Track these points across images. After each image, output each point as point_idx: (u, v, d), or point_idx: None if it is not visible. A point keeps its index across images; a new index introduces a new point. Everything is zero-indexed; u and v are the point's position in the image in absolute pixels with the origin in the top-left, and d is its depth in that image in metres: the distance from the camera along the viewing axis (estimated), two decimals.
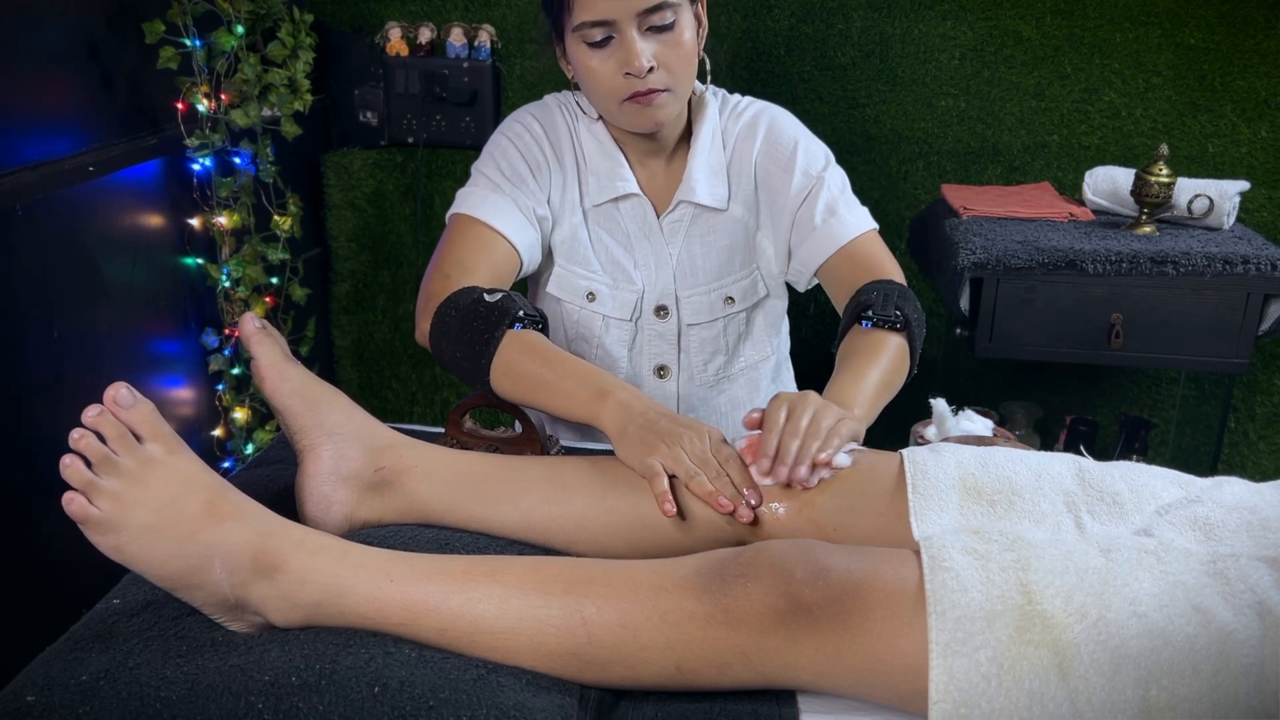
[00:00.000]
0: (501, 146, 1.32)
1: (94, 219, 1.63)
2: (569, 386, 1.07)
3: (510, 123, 1.35)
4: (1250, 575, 0.77)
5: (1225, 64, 2.06)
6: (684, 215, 1.35)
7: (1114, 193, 1.94)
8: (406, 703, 0.73)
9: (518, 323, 1.13)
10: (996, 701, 0.73)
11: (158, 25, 1.66)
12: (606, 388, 1.05)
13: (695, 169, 1.33)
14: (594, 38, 1.18)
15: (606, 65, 1.19)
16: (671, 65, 1.20)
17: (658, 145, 1.33)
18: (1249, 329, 1.78)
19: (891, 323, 1.18)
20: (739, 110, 1.37)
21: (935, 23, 2.12)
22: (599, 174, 1.33)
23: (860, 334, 1.19)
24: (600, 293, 1.35)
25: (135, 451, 0.81)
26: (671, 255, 1.36)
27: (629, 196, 1.33)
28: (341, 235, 2.38)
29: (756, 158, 1.34)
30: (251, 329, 0.98)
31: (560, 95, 1.39)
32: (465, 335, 1.13)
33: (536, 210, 1.30)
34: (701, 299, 1.37)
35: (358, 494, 0.98)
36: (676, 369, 1.40)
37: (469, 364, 1.13)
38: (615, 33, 1.18)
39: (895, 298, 1.20)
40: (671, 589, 0.80)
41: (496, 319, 1.12)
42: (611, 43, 1.18)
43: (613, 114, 1.25)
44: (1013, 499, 0.89)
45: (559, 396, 1.07)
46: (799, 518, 0.94)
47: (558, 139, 1.34)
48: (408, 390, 2.50)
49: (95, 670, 0.77)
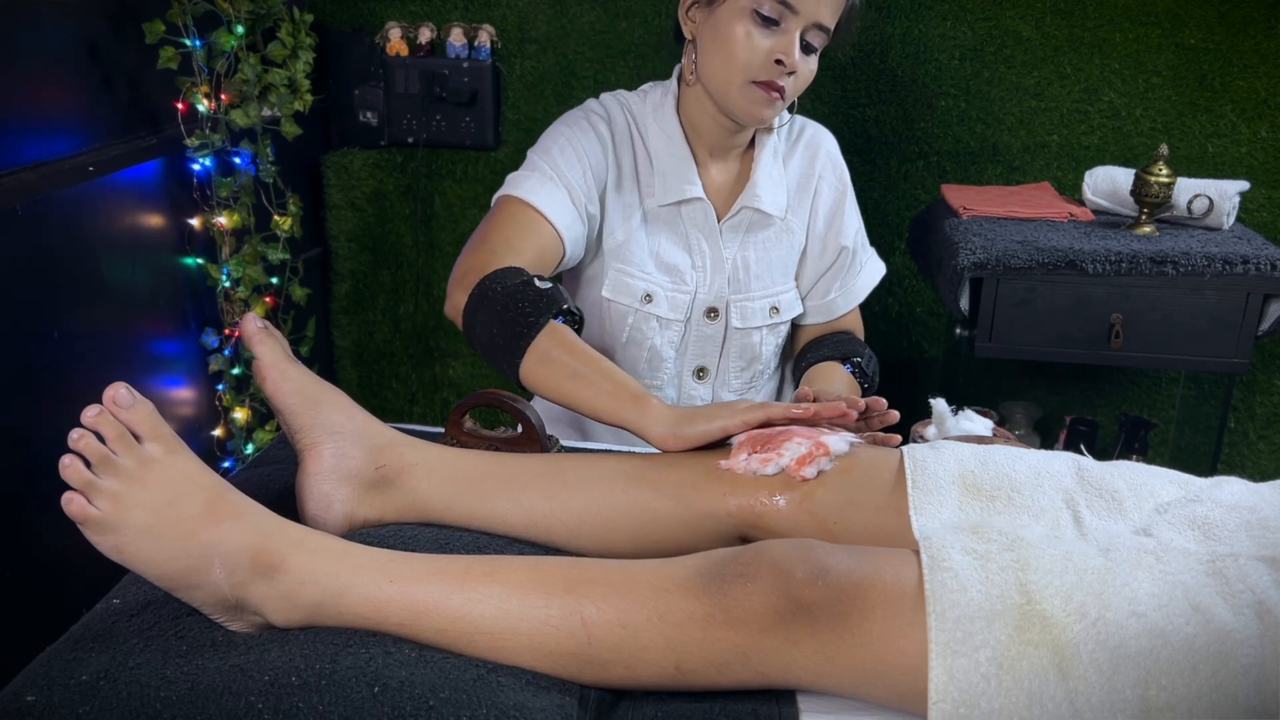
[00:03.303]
0: (563, 138, 1.31)
1: (94, 219, 1.63)
2: (609, 385, 1.07)
3: (575, 119, 1.34)
4: (1249, 575, 0.77)
5: (1225, 64, 2.06)
6: (744, 220, 1.37)
7: (1114, 193, 1.94)
8: (406, 703, 0.73)
9: (562, 315, 1.13)
10: (996, 701, 0.73)
11: (158, 25, 1.66)
12: (644, 392, 1.06)
13: (760, 177, 1.35)
14: (766, 11, 1.20)
15: (761, 43, 1.21)
16: (799, 80, 1.25)
17: (731, 146, 1.34)
18: (1249, 329, 1.78)
19: (866, 381, 1.38)
20: (796, 128, 1.42)
21: (935, 23, 2.12)
22: (666, 174, 1.33)
23: (839, 369, 1.36)
24: (656, 294, 1.36)
25: (135, 451, 0.81)
26: (727, 259, 1.37)
27: (694, 200, 1.34)
28: (341, 235, 2.38)
29: (819, 182, 1.41)
30: (253, 329, 0.98)
31: (618, 95, 1.38)
32: (509, 314, 1.11)
33: (588, 207, 1.29)
34: (750, 305, 1.39)
35: (358, 492, 0.98)
36: (715, 372, 1.42)
37: (505, 343, 1.11)
38: (786, 22, 1.20)
39: (875, 364, 1.41)
40: (671, 589, 0.80)
41: (545, 305, 1.11)
42: (776, 28, 1.21)
43: (731, 88, 1.25)
44: (1012, 495, 0.89)
45: (594, 390, 1.07)
46: (799, 510, 0.94)
47: (621, 142, 1.34)
48: (408, 390, 2.50)
49: (95, 670, 0.77)
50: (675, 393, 1.43)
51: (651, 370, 1.40)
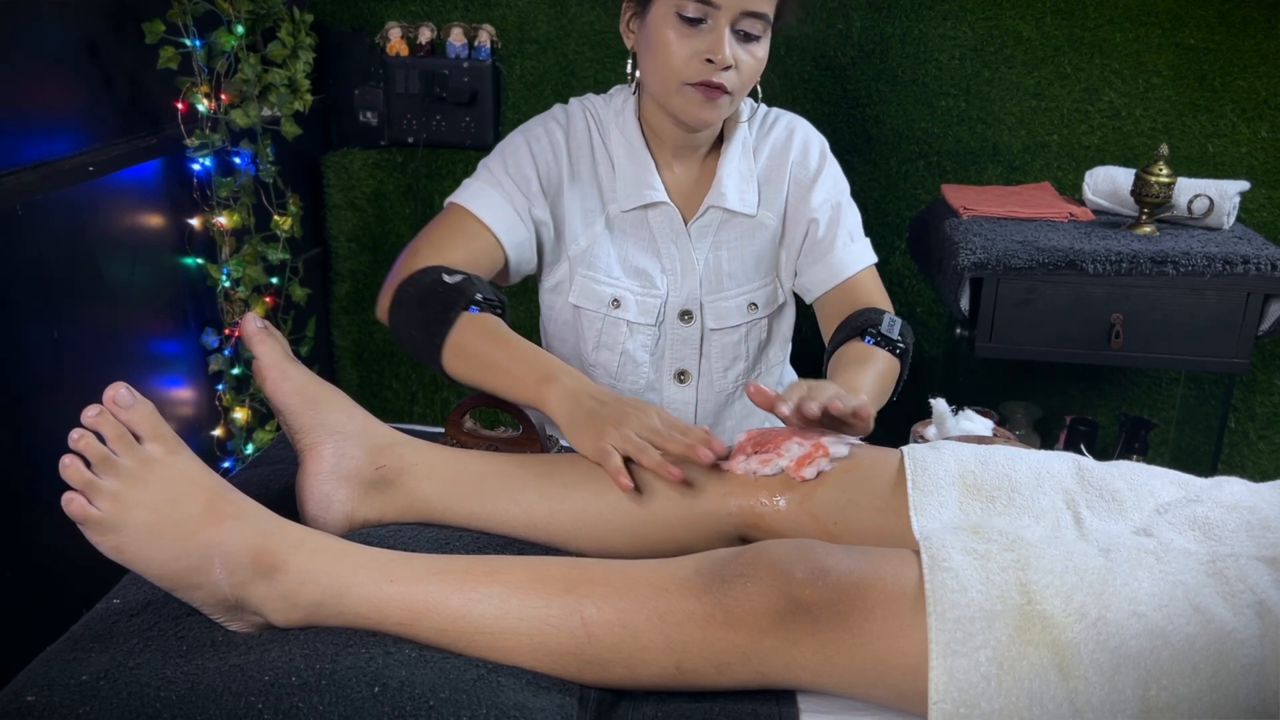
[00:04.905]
0: (515, 146, 1.32)
1: (94, 219, 1.63)
2: (517, 369, 1.09)
3: (532, 125, 1.35)
4: (1250, 575, 0.77)
5: (1225, 64, 2.06)
6: (713, 220, 1.35)
7: (1114, 193, 1.94)
8: (406, 703, 0.73)
9: (475, 305, 1.14)
10: (996, 701, 0.73)
11: (158, 25, 1.66)
12: (552, 372, 1.07)
13: (726, 175, 1.34)
14: (689, 12, 1.19)
15: (689, 44, 1.20)
16: (743, 73, 1.22)
17: (692, 147, 1.33)
18: (1249, 329, 1.78)
19: (892, 345, 1.24)
20: (769, 120, 1.39)
21: (935, 23, 2.12)
22: (627, 179, 1.33)
23: (859, 345, 1.24)
24: (624, 299, 1.35)
25: (135, 451, 0.81)
26: (698, 260, 1.36)
27: (659, 204, 1.33)
28: (341, 235, 2.38)
29: (791, 168, 1.36)
30: (253, 329, 0.98)
31: (585, 99, 1.38)
32: (420, 314, 1.15)
33: (534, 212, 1.30)
34: (725, 304, 1.38)
35: (358, 492, 0.98)
36: (697, 375, 1.41)
37: (424, 342, 1.15)
38: (711, 18, 1.19)
39: (900, 325, 1.27)
40: (671, 589, 0.80)
41: (453, 299, 1.14)
42: (702, 26, 1.19)
43: (670, 95, 1.24)
44: (1012, 495, 0.89)
45: (506, 378, 1.10)
46: (799, 511, 0.94)
47: (578, 150, 1.34)
48: (408, 390, 2.50)
49: (95, 670, 0.77)
50: (657, 397, 1.41)
51: (627, 375, 1.39)
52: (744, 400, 1.44)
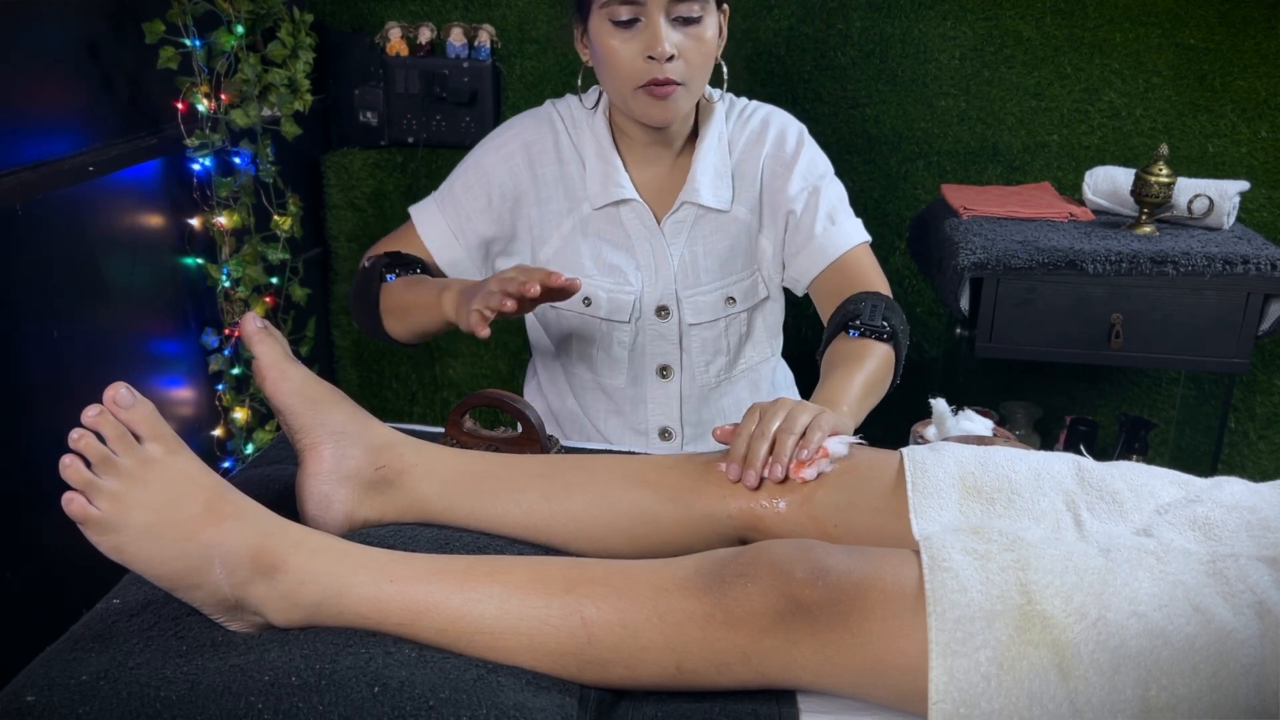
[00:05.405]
0: (472, 163, 1.37)
1: (94, 219, 1.63)
2: (425, 300, 1.23)
3: (494, 135, 1.39)
4: (1250, 575, 0.77)
5: (1225, 64, 2.06)
6: (687, 216, 1.35)
7: (1114, 193, 1.94)
8: (406, 703, 0.73)
9: (390, 273, 1.31)
10: (996, 701, 0.73)
11: (158, 25, 1.66)
12: (447, 285, 1.21)
13: (700, 170, 1.33)
14: (620, 16, 1.19)
15: (629, 47, 1.20)
16: (691, 59, 1.21)
17: (664, 143, 1.33)
18: (1249, 329, 1.78)
19: (878, 333, 1.21)
20: (746, 114, 1.38)
21: (935, 23, 2.12)
22: (595, 178, 1.34)
23: (846, 341, 1.22)
24: (596, 297, 1.35)
25: (135, 451, 0.81)
26: (673, 256, 1.36)
27: (629, 201, 1.33)
28: (341, 235, 2.38)
29: (764, 159, 1.35)
30: (253, 329, 0.98)
31: (560, 101, 1.39)
32: (359, 303, 1.34)
33: (482, 232, 1.37)
34: (703, 299, 1.37)
35: (358, 493, 0.98)
36: (679, 369, 1.41)
37: (370, 323, 1.33)
38: (643, 15, 1.19)
39: (883, 309, 1.23)
40: (671, 589, 0.80)
41: (374, 276, 1.31)
42: (637, 25, 1.19)
43: (626, 101, 1.25)
44: (1012, 497, 0.89)
45: (421, 312, 1.25)
46: (799, 513, 0.94)
47: (541, 156, 1.35)
48: (408, 390, 2.50)
49: (95, 670, 0.77)
50: (641, 393, 1.41)
51: (607, 371, 1.40)
52: (731, 393, 1.45)
